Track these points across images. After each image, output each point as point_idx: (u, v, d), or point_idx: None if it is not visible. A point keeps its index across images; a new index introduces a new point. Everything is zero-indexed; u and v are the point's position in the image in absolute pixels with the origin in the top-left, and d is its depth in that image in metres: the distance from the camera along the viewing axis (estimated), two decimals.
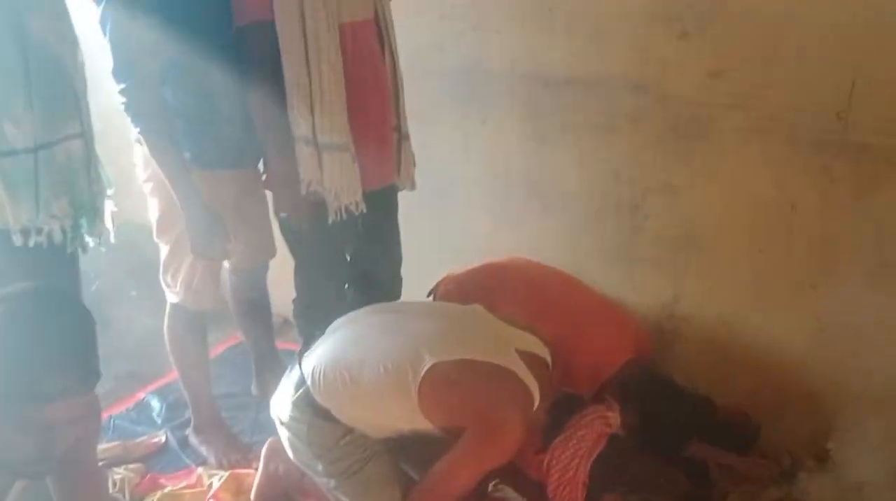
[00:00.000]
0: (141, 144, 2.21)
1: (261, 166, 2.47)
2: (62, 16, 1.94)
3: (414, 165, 2.50)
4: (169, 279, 2.43)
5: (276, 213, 2.37)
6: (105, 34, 2.05)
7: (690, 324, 2.59)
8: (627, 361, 2.31)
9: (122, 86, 2.07)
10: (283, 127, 2.19)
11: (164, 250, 2.42)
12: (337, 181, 2.22)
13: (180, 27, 2.05)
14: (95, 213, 2.01)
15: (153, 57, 2.06)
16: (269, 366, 2.81)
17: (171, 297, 2.45)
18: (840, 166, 2.16)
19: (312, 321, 2.37)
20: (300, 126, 2.16)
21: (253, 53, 2.14)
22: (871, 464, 2.08)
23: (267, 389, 2.80)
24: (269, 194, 2.43)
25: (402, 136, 2.43)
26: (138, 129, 2.13)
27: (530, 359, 1.93)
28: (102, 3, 2.03)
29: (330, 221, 2.26)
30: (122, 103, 2.09)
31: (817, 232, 2.26)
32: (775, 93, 2.19)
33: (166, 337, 2.51)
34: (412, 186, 2.52)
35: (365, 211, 2.30)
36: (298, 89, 2.13)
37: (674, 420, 2.24)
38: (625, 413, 2.17)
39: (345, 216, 2.27)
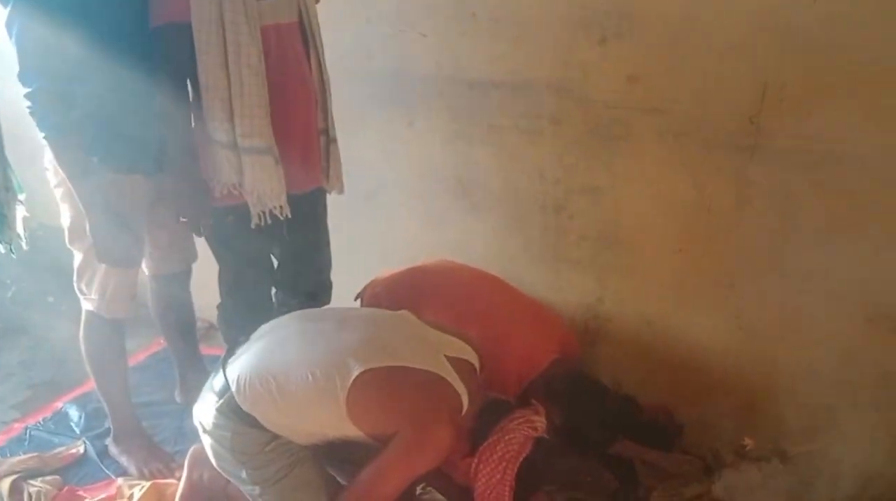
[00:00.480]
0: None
1: None
2: None
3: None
4: (83, 286, 2.36)
5: (177, 218, 2.32)
6: (11, 37, 1.99)
7: (614, 324, 2.64)
8: (553, 361, 2.34)
9: (28, 89, 2.01)
10: (189, 132, 2.17)
11: (77, 256, 2.35)
12: (259, 185, 2.19)
13: (91, 29, 2.00)
14: (4, 220, 1.94)
15: (62, 60, 2.00)
16: (193, 373, 2.76)
17: (86, 305, 2.39)
18: (754, 169, 2.23)
19: (237, 326, 2.34)
20: (217, 130, 2.13)
21: (168, 56, 2.10)
22: (785, 458, 2.15)
23: (191, 396, 2.74)
24: None
25: (331, 140, 2.41)
26: (43, 134, 2.07)
27: (459, 365, 1.94)
28: (10, 5, 1.97)
29: (253, 225, 2.23)
30: (28, 107, 2.03)
31: (734, 232, 2.32)
32: (690, 97, 2.25)
33: (82, 345, 2.45)
34: (341, 190, 2.50)
35: (290, 215, 2.28)
36: (216, 92, 2.10)
37: (599, 419, 2.28)
38: (551, 412, 2.20)
39: (269, 220, 2.25)
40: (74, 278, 2.39)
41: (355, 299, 2.62)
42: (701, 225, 2.36)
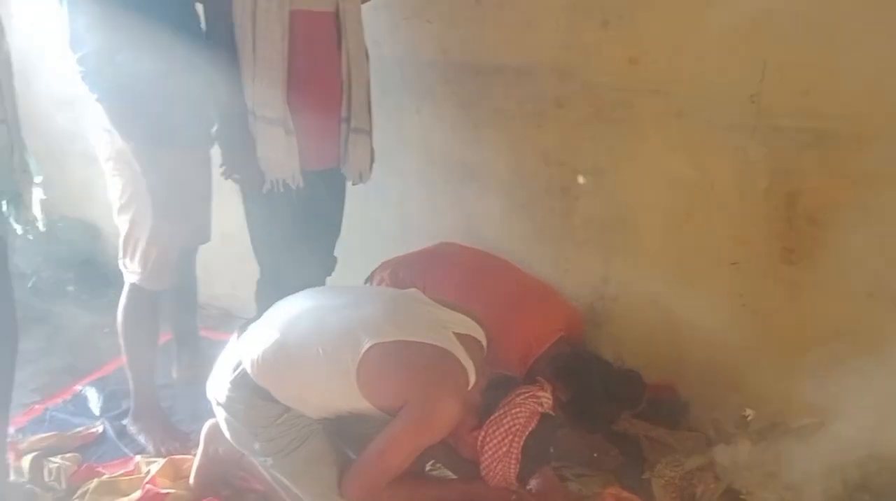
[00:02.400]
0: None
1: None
2: None
3: (372, 161, 2.58)
4: (127, 260, 2.43)
5: (228, 177, 2.41)
6: (62, 3, 2.08)
7: (620, 304, 2.67)
8: (558, 339, 2.38)
9: (79, 54, 2.10)
10: (232, 95, 2.27)
11: (123, 229, 2.41)
12: (268, 153, 2.30)
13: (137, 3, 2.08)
14: (20, 201, 1.99)
15: (114, 27, 2.08)
16: (190, 350, 2.85)
17: (129, 277, 2.44)
18: (755, 147, 2.26)
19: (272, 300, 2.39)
20: (246, 96, 2.26)
21: (212, 22, 2.26)
22: (786, 430, 2.18)
23: (185, 373, 2.82)
24: None
25: (353, 130, 2.49)
26: (96, 96, 2.15)
27: (466, 341, 1.98)
28: None
29: (264, 190, 2.34)
30: (80, 72, 2.12)
31: (735, 211, 2.35)
32: (691, 78, 2.29)
33: (119, 317, 2.49)
34: (360, 179, 2.58)
35: (302, 185, 2.37)
36: (243, 61, 2.24)
37: (604, 394, 2.31)
38: (556, 389, 2.24)
39: (281, 188, 2.34)
40: (120, 253, 2.44)
41: (364, 282, 2.67)
42: (703, 204, 2.40)
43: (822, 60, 2.11)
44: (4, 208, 1.96)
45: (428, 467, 2.32)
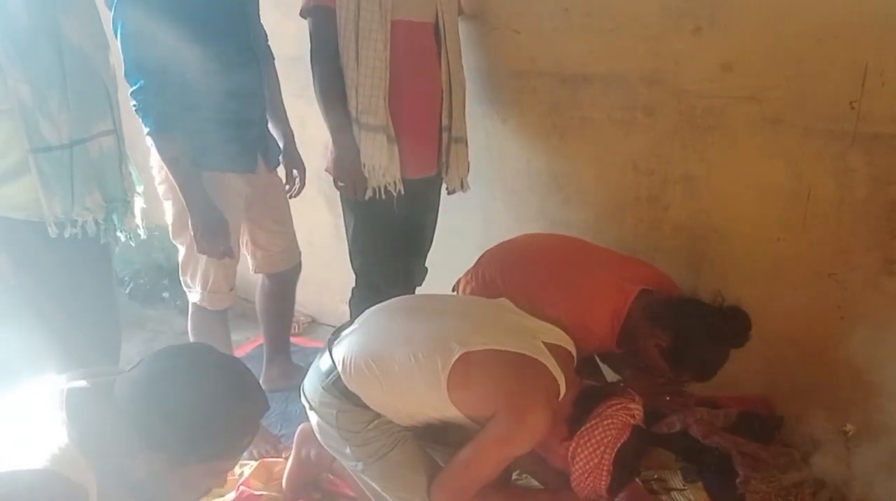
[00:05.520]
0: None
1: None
2: (94, 20, 2.02)
3: (468, 170, 2.65)
4: (188, 280, 2.51)
5: (335, 185, 2.48)
6: (117, 36, 2.12)
7: None
8: (642, 290, 2.27)
9: (134, 87, 2.14)
10: (339, 104, 2.36)
11: (181, 250, 2.49)
12: (370, 159, 2.37)
13: (191, 30, 2.13)
14: (126, 208, 2.07)
15: (164, 58, 2.13)
16: (279, 362, 2.91)
17: (192, 297, 2.52)
18: (854, 155, 2.19)
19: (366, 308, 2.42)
20: (349, 104, 2.35)
21: (317, 34, 2.36)
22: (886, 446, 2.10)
23: (273, 383, 2.88)
24: None
25: (453, 139, 2.56)
26: (147, 129, 2.19)
27: (556, 351, 1.98)
28: (115, 5, 2.10)
29: (367, 197, 2.40)
30: (133, 105, 2.16)
31: (834, 220, 2.28)
32: (787, 83, 2.22)
33: (190, 335, 2.59)
34: (460, 188, 2.66)
35: (402, 192, 2.43)
36: (347, 71, 2.33)
37: (707, 333, 2.18)
38: (655, 337, 2.18)
39: (383, 195, 2.40)
40: (180, 272, 2.53)
41: (452, 290, 2.68)
42: (799, 213, 2.33)
43: None
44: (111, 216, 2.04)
45: (514, 477, 2.32)
